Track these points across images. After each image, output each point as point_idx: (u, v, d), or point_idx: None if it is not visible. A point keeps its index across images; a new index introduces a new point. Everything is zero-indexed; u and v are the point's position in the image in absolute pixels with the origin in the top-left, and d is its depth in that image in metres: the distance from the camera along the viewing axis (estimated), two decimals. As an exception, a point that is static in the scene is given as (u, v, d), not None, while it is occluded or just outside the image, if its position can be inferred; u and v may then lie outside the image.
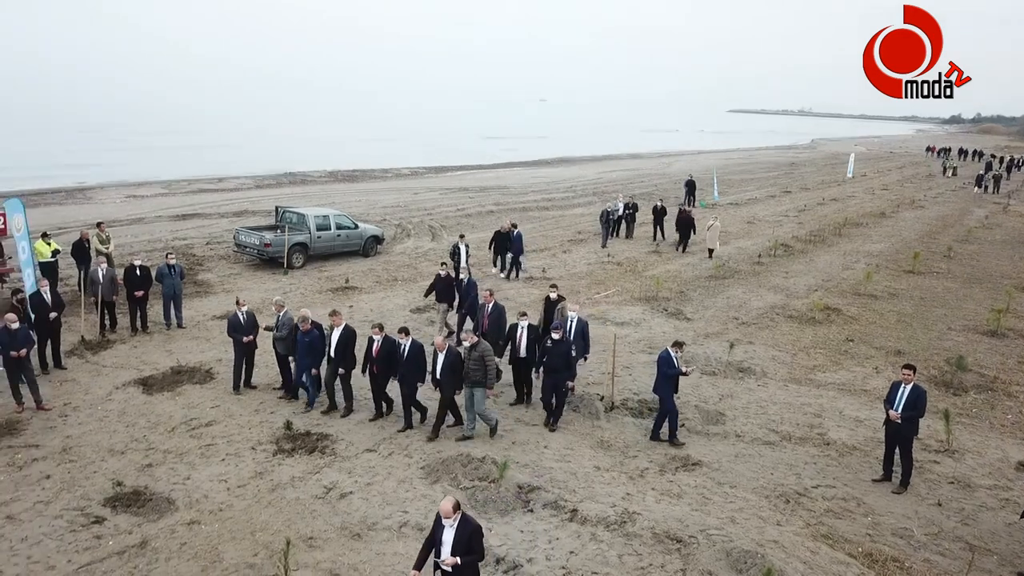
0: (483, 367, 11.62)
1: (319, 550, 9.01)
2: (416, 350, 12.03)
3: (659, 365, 12.22)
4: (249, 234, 23.02)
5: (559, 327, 12.44)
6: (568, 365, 12.36)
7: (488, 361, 11.65)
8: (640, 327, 18.54)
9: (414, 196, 40.67)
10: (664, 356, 12.17)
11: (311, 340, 12.67)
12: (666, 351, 12.19)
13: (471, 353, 11.71)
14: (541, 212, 36.84)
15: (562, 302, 14.70)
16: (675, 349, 12.23)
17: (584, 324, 13.82)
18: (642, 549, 9.20)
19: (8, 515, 9.47)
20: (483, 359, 11.63)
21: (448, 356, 11.77)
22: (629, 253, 27.65)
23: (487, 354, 11.70)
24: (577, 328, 13.54)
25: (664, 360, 12.14)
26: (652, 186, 49.01)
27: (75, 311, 16.53)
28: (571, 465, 11.34)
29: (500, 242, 23.19)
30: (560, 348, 12.24)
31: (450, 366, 11.75)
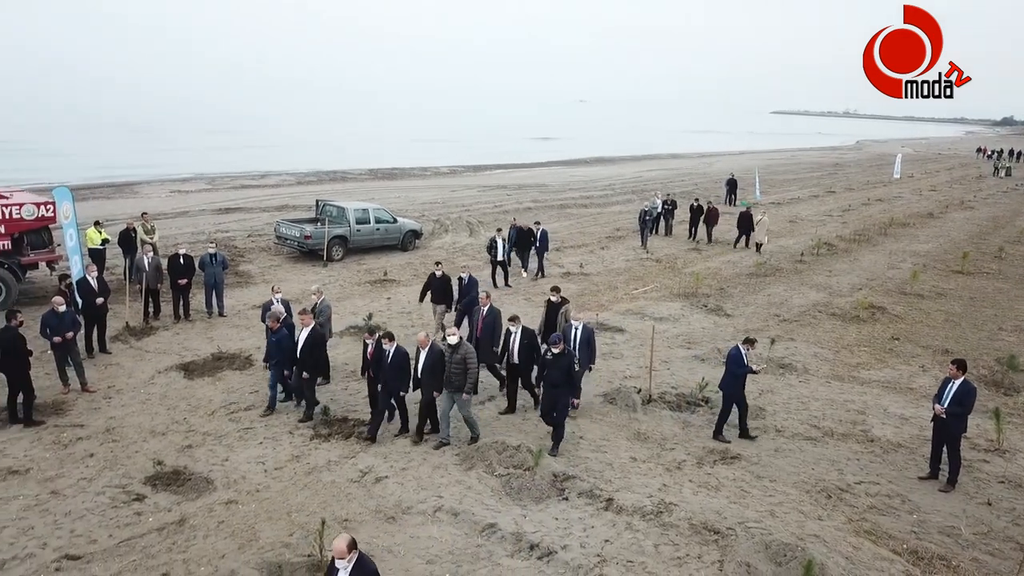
0: (464, 371, 10.83)
1: (353, 531, 8.99)
2: (400, 357, 11.14)
3: (728, 362, 11.77)
4: (290, 226, 23.31)
5: (558, 340, 11.13)
6: (570, 380, 11.17)
7: (470, 364, 10.84)
8: (679, 323, 18.32)
9: (452, 193, 40.83)
10: (734, 353, 11.70)
11: (279, 339, 11.99)
12: (736, 348, 11.74)
13: (453, 355, 10.88)
14: (579, 209, 36.70)
15: (565, 305, 13.69)
16: (746, 346, 11.69)
17: (590, 332, 12.70)
18: (678, 539, 9.06)
19: (53, 490, 9.67)
20: (465, 362, 10.82)
21: (431, 355, 11.04)
22: (668, 250, 27.38)
23: (470, 357, 10.89)
24: (582, 337, 12.44)
25: (733, 358, 11.66)
26: (692, 185, 48.52)
27: (120, 299, 16.86)
28: (607, 456, 11.22)
29: (523, 240, 22.33)
30: (561, 362, 11.01)
31: (431, 366, 11.00)
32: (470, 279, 16.03)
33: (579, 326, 12.56)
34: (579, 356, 12.16)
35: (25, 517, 9.06)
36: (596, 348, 12.94)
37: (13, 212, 16.57)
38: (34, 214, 16.87)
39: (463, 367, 10.80)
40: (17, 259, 16.93)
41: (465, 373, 10.81)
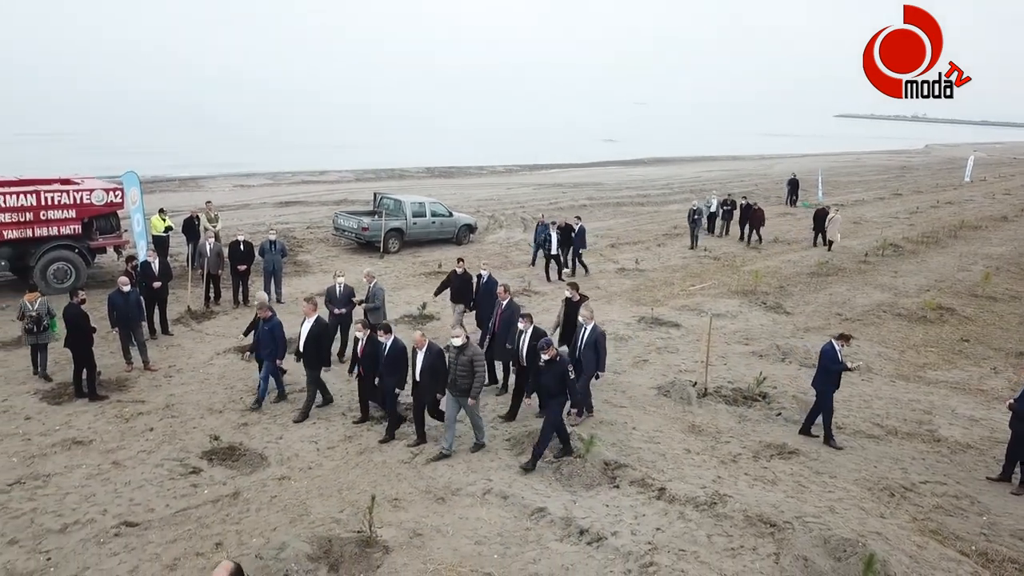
0: (471, 373, 10.01)
1: (403, 511, 9.04)
2: (397, 351, 10.57)
3: (820, 358, 11.28)
4: (348, 218, 23.62)
5: (547, 346, 10.00)
6: (563, 390, 10.07)
7: (477, 367, 10.02)
8: (737, 319, 17.93)
9: (507, 191, 40.87)
10: (827, 349, 11.20)
11: (271, 328, 11.59)
12: (829, 344, 11.26)
13: (459, 356, 10.01)
14: (636, 207, 36.33)
15: (584, 303, 12.76)
16: (840, 342, 11.18)
17: (599, 335, 11.54)
18: (732, 531, 8.81)
19: (114, 461, 9.94)
20: (472, 364, 9.98)
21: (429, 355, 10.22)
22: (727, 249, 26.86)
23: (477, 358, 10.07)
24: (589, 339, 11.45)
25: (827, 354, 11.16)
26: (752, 186, 47.59)
27: (183, 284, 17.29)
28: (660, 446, 11.01)
29: (563, 237, 21.74)
30: (554, 369, 9.95)
31: (430, 367, 10.20)
32: (489, 278, 14.64)
33: (588, 327, 11.61)
34: (584, 360, 11.36)
35: (87, 485, 9.32)
36: (605, 353, 11.79)
37: (83, 197, 17.13)
38: (103, 200, 17.42)
39: (470, 369, 9.99)
40: (86, 243, 17.50)
41: (472, 376, 10.01)
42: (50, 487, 9.23)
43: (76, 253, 17.20)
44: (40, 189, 16.59)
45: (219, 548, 8.13)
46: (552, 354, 9.93)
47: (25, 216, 16.30)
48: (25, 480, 9.36)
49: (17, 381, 12.41)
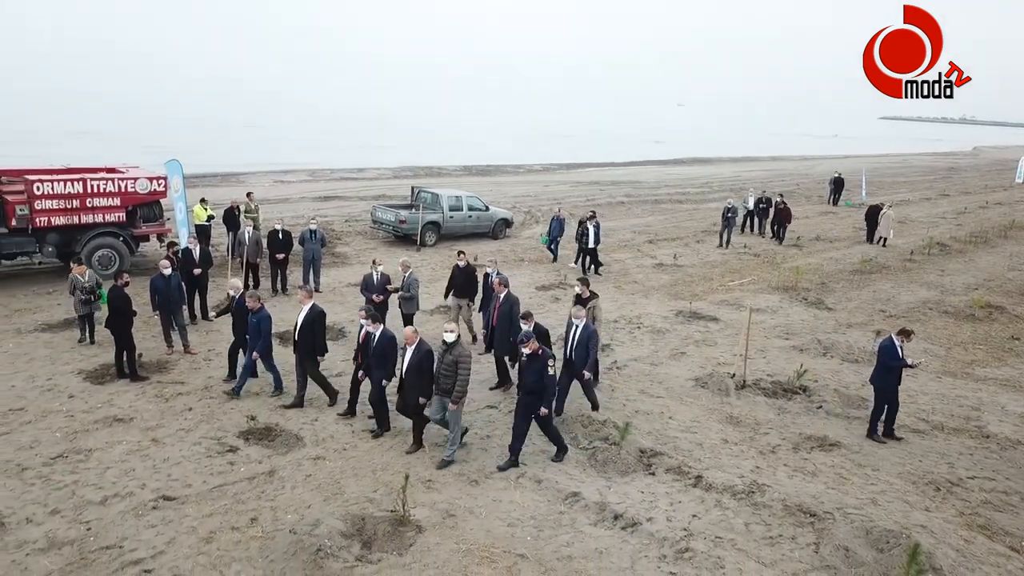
0: (454, 374, 9.43)
1: (436, 492, 9.02)
2: (385, 342, 10.11)
3: (879, 354, 10.85)
4: (385, 211, 23.76)
5: (527, 339, 9.56)
6: (543, 387, 9.53)
7: (461, 369, 9.39)
8: (777, 314, 17.63)
9: (544, 188, 40.78)
10: (886, 345, 10.79)
11: (259, 320, 11.30)
12: (889, 339, 10.86)
13: (445, 355, 9.52)
14: (674, 205, 35.99)
15: (593, 300, 12.20)
16: (900, 337, 10.78)
17: (590, 333, 11.03)
18: (771, 520, 8.63)
19: (154, 438, 10.08)
20: (456, 365, 9.40)
21: (416, 353, 9.66)
22: (767, 245, 26.45)
23: (463, 360, 9.44)
24: (581, 337, 10.93)
25: (886, 349, 10.74)
26: (793, 185, 46.86)
27: (223, 272, 17.53)
28: (697, 436, 10.84)
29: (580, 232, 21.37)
30: (534, 364, 9.50)
31: (416, 365, 9.63)
32: (496, 274, 13.71)
33: (579, 324, 11.00)
34: (576, 360, 10.93)
35: (127, 460, 9.47)
36: (597, 355, 11.34)
37: (128, 186, 17.46)
38: (147, 188, 17.73)
39: (454, 370, 9.40)
40: (130, 231, 17.84)
41: (455, 377, 9.41)
42: (91, 461, 9.39)
43: (120, 240, 17.54)
44: (87, 177, 16.97)
45: (254, 523, 8.19)
46: (533, 348, 9.47)
47: (72, 203, 16.67)
48: (68, 454, 9.53)
49: (62, 361, 12.67)
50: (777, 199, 28.26)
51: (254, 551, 7.70)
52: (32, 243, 16.63)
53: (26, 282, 17.16)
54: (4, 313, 15.05)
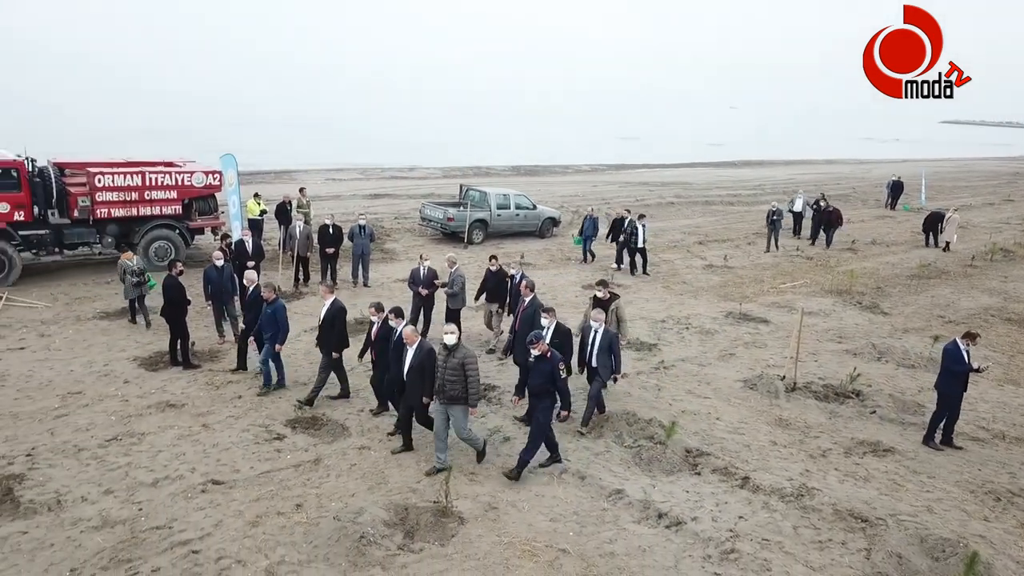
0: (462, 379, 8.87)
1: (479, 484, 9.01)
2: (424, 355, 9.40)
3: (943, 358, 10.45)
4: (434, 208, 23.91)
5: (536, 340, 9.21)
6: (553, 389, 9.16)
7: (469, 372, 8.88)
8: (830, 317, 17.22)
9: (592, 188, 40.59)
10: (951, 349, 10.39)
11: (275, 311, 11.25)
12: (953, 343, 10.47)
13: (448, 358, 8.92)
14: (725, 207, 35.46)
15: (615, 302, 11.73)
16: (965, 341, 10.39)
17: (612, 337, 10.60)
18: (820, 524, 8.41)
19: (204, 424, 10.29)
20: (463, 368, 8.87)
21: (418, 353, 9.26)
22: (820, 248, 25.86)
23: (469, 362, 8.90)
24: (603, 343, 10.47)
25: (950, 354, 10.35)
26: (849, 189, 45.81)
27: (274, 265, 17.83)
28: (744, 438, 10.64)
29: (617, 231, 21.20)
30: (542, 367, 9.13)
31: (418, 366, 9.23)
32: (521, 277, 13.44)
33: (598, 329, 10.52)
34: (599, 366, 10.49)
35: (178, 444, 9.68)
36: (620, 357, 10.81)
37: (184, 179, 17.90)
38: (203, 182, 18.15)
39: (461, 374, 8.85)
40: (186, 223, 18.28)
41: (464, 381, 8.89)
42: (144, 444, 9.63)
43: (176, 233, 17.97)
44: (145, 170, 17.44)
45: (299, 509, 8.28)
46: (542, 349, 9.13)
47: (131, 196, 17.15)
48: (122, 437, 9.79)
49: (118, 348, 13.03)
50: (822, 203, 27.29)
51: (298, 536, 7.78)
52: (93, 234, 17.16)
53: (86, 272, 17.72)
54: (65, 301, 15.56)
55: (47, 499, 8.24)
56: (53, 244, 16.82)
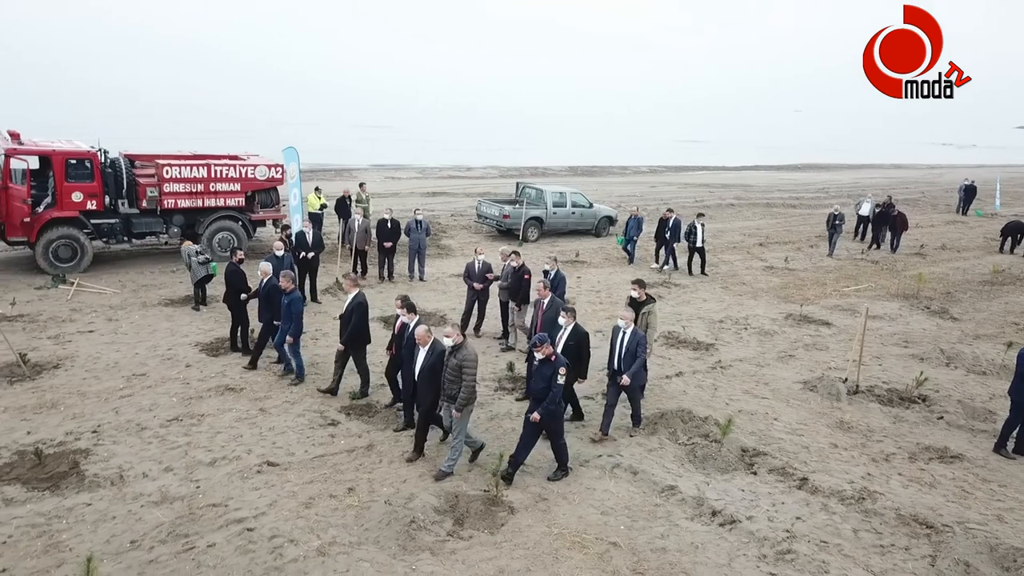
0: (458, 379, 8.72)
1: (530, 476, 8.95)
2: (435, 357, 9.21)
3: (1018, 365, 9.88)
4: (490, 205, 23.97)
5: (541, 343, 8.78)
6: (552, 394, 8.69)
7: (466, 374, 8.65)
8: (896, 322, 16.66)
9: (651, 188, 40.20)
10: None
11: (291, 302, 11.16)
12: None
13: (450, 359, 8.84)
14: (787, 209, 34.68)
15: (650, 304, 11.23)
16: None
17: (639, 339, 9.90)
18: (882, 528, 8.11)
19: (261, 408, 10.48)
20: (461, 369, 8.69)
21: (430, 355, 9.11)
22: (886, 252, 25.08)
23: (467, 364, 8.68)
24: (629, 344, 9.83)
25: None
26: (918, 193, 44.35)
27: (333, 258, 18.10)
28: (803, 439, 10.34)
29: (658, 231, 20.82)
30: (544, 371, 8.69)
31: (431, 367, 9.09)
32: (556, 274, 13.14)
33: (626, 329, 9.88)
34: (622, 368, 9.84)
35: (236, 427, 9.87)
36: (644, 362, 10.19)
37: (248, 172, 18.31)
38: (266, 175, 18.54)
39: (459, 374, 8.70)
40: (248, 215, 18.69)
41: (460, 382, 8.70)
42: (203, 426, 9.85)
43: (239, 224, 18.39)
44: (211, 163, 17.89)
45: (351, 493, 8.36)
46: (547, 352, 8.69)
47: (197, 187, 17.62)
48: (183, 418, 10.03)
49: (181, 334, 13.37)
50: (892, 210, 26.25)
51: (350, 519, 7.85)
52: (160, 224, 17.69)
53: (153, 261, 18.29)
54: (132, 288, 16.06)
55: (110, 474, 8.49)
56: (122, 233, 17.38)
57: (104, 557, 6.95)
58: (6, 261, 17.55)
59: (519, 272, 13.34)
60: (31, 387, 10.79)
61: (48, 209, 16.36)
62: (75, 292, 15.49)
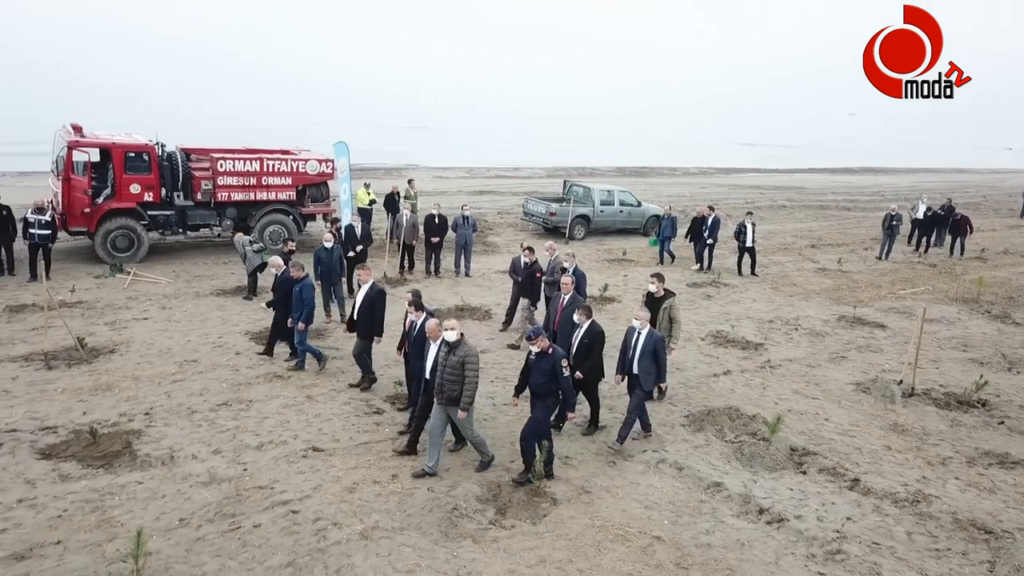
0: (460, 378, 8.31)
1: (573, 468, 8.88)
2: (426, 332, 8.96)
3: None
4: (537, 203, 23.93)
5: (535, 336, 8.44)
6: (553, 389, 8.41)
7: (468, 372, 8.26)
8: (954, 326, 16.14)
9: (700, 189, 39.68)
10: None
11: (302, 288, 11.15)
12: None
13: (449, 356, 8.34)
14: (841, 212, 33.93)
15: (670, 299, 10.80)
16: None
17: (657, 340, 9.39)
18: (938, 532, 7.84)
19: (308, 395, 10.61)
20: (463, 366, 8.27)
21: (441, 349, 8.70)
22: (944, 256, 24.34)
23: (469, 362, 8.29)
24: (646, 346, 9.28)
25: None
26: (980, 197, 42.96)
27: (381, 253, 18.26)
28: (855, 440, 10.07)
29: (696, 230, 20.43)
30: (542, 364, 8.37)
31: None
32: (576, 270, 12.56)
33: (641, 330, 9.38)
34: (640, 373, 9.36)
35: (283, 413, 10.01)
36: (666, 364, 9.67)
37: (299, 166, 18.60)
38: (316, 169, 18.83)
39: (459, 373, 8.28)
40: (299, 209, 18.97)
41: (462, 381, 8.32)
42: (251, 411, 10.01)
43: (290, 218, 18.69)
44: (263, 157, 18.22)
45: (395, 479, 8.39)
46: (543, 346, 8.38)
47: (250, 181, 17.96)
48: (232, 403, 10.21)
49: (232, 323, 13.62)
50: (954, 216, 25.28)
51: (393, 504, 7.88)
52: (213, 216, 18.07)
53: (206, 252, 18.70)
54: (185, 279, 16.44)
55: (161, 454, 8.67)
56: (177, 225, 17.81)
57: (153, 533, 7.09)
58: (67, 250, 18.11)
59: (531, 269, 13.21)
60: (88, 370, 11.11)
61: (107, 200, 16.84)
62: (131, 281, 15.91)
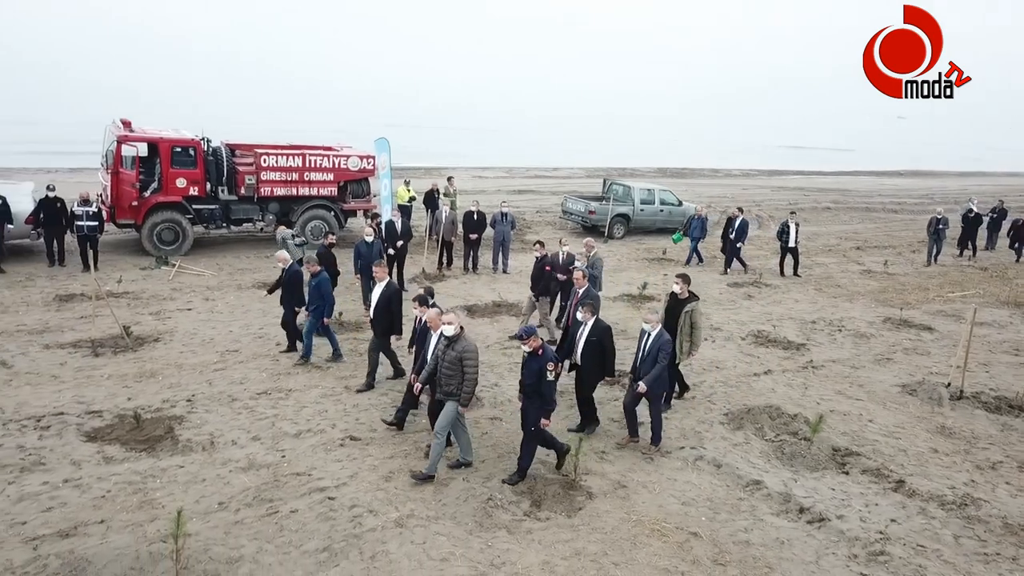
0: (460, 373, 8.17)
1: (609, 463, 8.81)
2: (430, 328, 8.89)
3: None
4: (576, 201, 23.84)
5: (527, 335, 8.23)
6: (539, 390, 8.12)
7: (467, 367, 8.12)
8: (1006, 329, 15.68)
9: (742, 190, 39.15)
10: None
11: (318, 283, 11.22)
12: None
13: (447, 350, 8.22)
14: (888, 214, 33.19)
15: (693, 303, 10.22)
16: None
17: (662, 343, 9.03)
18: (987, 536, 7.60)
19: (346, 386, 10.72)
20: (461, 361, 8.13)
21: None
22: (996, 259, 23.68)
23: (467, 357, 8.14)
24: (651, 347, 9.06)
25: None
26: (1033, 201, 41.68)
27: (420, 249, 18.35)
28: (900, 442, 9.82)
29: (725, 232, 20.22)
30: (532, 365, 8.15)
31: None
32: (593, 264, 12.91)
33: (651, 332, 9.13)
34: (641, 371, 9.14)
35: (321, 402, 10.11)
36: (661, 370, 9.09)
37: (341, 163, 18.80)
38: (358, 166, 19.00)
39: (458, 368, 8.14)
40: (340, 205, 19.17)
41: (461, 376, 8.18)
42: (290, 400, 10.13)
43: (331, 214, 18.89)
44: (306, 153, 18.45)
45: (430, 469, 8.39)
46: (534, 345, 8.14)
47: (292, 176, 18.19)
48: (271, 392, 10.35)
49: (272, 314, 13.73)
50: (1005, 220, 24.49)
51: (428, 493, 7.90)
52: (256, 211, 18.35)
53: (248, 246, 19.00)
54: (228, 271, 16.71)
55: (202, 440, 8.81)
56: (221, 218, 18.12)
57: (193, 516, 7.19)
58: (114, 243, 18.54)
59: (540, 263, 13.13)
60: (133, 358, 11.34)
61: (154, 194, 17.20)
62: (176, 273, 16.23)
